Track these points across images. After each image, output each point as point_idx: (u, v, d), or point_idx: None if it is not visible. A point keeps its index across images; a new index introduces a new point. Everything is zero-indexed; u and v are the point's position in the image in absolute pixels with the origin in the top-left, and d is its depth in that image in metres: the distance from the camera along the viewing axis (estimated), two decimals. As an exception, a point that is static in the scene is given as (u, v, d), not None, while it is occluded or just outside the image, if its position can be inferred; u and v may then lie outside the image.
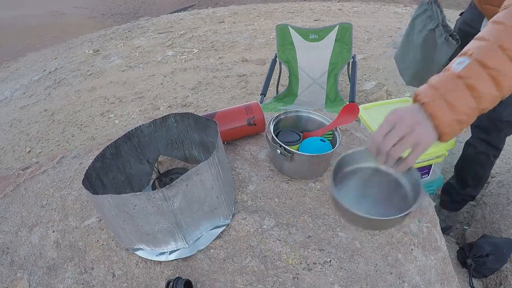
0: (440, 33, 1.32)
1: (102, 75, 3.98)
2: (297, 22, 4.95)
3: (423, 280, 0.84)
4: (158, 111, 3.11)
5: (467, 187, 1.61)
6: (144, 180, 1.01)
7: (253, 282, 0.77)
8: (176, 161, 1.10)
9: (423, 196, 0.69)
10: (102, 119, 3.13)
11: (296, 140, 1.04)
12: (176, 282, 0.72)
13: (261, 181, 1.01)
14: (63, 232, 0.93)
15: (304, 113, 1.12)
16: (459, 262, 1.46)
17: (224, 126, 1.07)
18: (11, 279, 0.85)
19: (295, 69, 2.44)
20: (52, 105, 3.49)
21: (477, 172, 1.53)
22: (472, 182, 1.58)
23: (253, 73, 3.53)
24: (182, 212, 0.75)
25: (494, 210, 1.65)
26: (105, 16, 10.05)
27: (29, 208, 1.02)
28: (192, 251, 0.82)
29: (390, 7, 5.72)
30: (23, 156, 2.82)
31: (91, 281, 0.81)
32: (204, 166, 0.73)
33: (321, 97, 2.39)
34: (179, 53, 4.26)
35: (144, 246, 0.80)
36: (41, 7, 9.90)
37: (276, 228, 0.88)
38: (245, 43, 4.34)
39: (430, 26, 1.36)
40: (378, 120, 1.67)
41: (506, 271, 1.36)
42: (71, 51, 4.99)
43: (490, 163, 1.50)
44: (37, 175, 1.14)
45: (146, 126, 0.96)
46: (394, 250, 0.88)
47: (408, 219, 0.78)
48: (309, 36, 2.37)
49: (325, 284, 0.78)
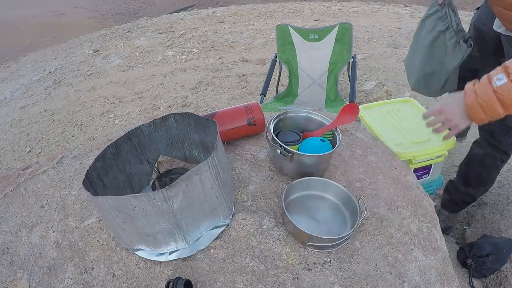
0: (451, 36, 1.29)
1: (102, 75, 3.98)
2: (297, 22, 4.95)
3: (423, 280, 0.84)
4: (158, 111, 3.11)
5: (468, 187, 1.59)
6: (144, 180, 1.01)
7: (253, 282, 0.77)
8: (176, 161, 1.10)
9: (359, 221, 0.84)
10: (102, 119, 3.13)
11: (296, 140, 1.04)
12: (176, 282, 0.72)
13: (261, 181, 1.01)
14: (63, 232, 0.93)
15: (304, 113, 1.12)
16: (459, 262, 1.46)
17: (224, 126, 1.07)
18: (11, 279, 0.85)
19: (295, 69, 2.43)
20: (52, 105, 3.49)
21: (481, 174, 1.51)
22: (474, 182, 1.56)
23: (253, 73, 3.53)
24: (182, 212, 0.74)
25: (494, 210, 1.65)
26: (105, 16, 10.05)
27: (29, 208, 1.02)
28: (192, 251, 0.82)
29: (390, 7, 5.72)
30: (23, 156, 2.82)
31: (91, 281, 0.81)
32: (204, 166, 0.73)
33: (321, 97, 2.39)
34: (179, 53, 4.26)
35: (144, 246, 0.80)
36: (41, 7, 9.90)
37: (276, 228, 0.88)
38: (245, 43, 4.34)
39: (440, 28, 1.31)
40: (378, 120, 1.67)
41: (506, 271, 1.36)
42: (71, 51, 4.99)
43: (496, 167, 1.47)
44: (37, 175, 1.14)
45: (146, 126, 0.96)
46: (394, 250, 0.88)
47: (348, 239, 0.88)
48: (309, 36, 2.37)
49: (325, 284, 0.78)
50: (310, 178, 0.96)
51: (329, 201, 0.95)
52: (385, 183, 1.06)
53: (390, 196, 1.02)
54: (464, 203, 1.71)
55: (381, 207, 0.97)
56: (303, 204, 0.94)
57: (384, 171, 1.10)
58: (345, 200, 0.92)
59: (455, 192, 1.67)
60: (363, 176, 1.06)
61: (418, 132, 1.56)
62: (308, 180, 0.96)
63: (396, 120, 1.66)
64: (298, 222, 0.82)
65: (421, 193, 1.06)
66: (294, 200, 0.94)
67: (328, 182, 0.95)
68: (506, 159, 1.43)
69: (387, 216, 0.95)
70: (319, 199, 0.95)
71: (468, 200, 1.67)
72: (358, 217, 0.85)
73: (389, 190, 1.04)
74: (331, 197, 0.95)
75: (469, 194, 1.63)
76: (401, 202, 1.01)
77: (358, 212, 0.86)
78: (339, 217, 0.91)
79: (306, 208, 0.93)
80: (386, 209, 0.97)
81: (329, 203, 0.94)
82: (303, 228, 0.80)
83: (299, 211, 0.91)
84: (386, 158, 1.17)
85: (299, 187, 0.95)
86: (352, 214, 0.89)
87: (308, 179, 0.96)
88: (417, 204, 1.02)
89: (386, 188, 1.04)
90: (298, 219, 0.85)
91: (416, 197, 1.04)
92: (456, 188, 1.65)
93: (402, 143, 1.51)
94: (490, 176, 1.53)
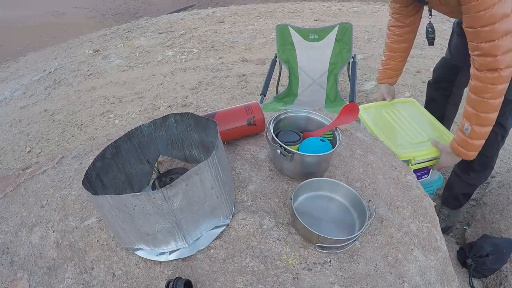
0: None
1: (102, 75, 3.98)
2: (297, 22, 4.95)
3: (423, 280, 0.84)
4: (158, 111, 3.11)
5: (470, 171, 1.59)
6: (144, 180, 1.01)
7: (253, 282, 0.77)
8: (176, 161, 1.10)
9: (367, 223, 0.85)
10: (102, 119, 3.13)
11: (296, 140, 1.04)
12: (176, 282, 0.72)
13: (261, 181, 1.01)
14: (63, 232, 0.93)
15: (304, 113, 1.12)
16: (459, 262, 1.46)
17: (224, 126, 1.07)
18: (11, 279, 0.85)
19: (295, 69, 2.43)
20: (52, 105, 3.49)
21: (483, 152, 1.52)
22: (476, 164, 1.54)
23: (253, 73, 3.53)
24: (182, 212, 0.74)
25: (494, 210, 1.65)
26: (105, 16, 10.05)
27: (29, 208, 1.02)
28: (192, 251, 0.82)
29: (390, 7, 5.70)
30: (23, 156, 2.82)
31: (91, 281, 0.81)
32: (204, 166, 0.73)
33: (321, 97, 2.39)
34: (179, 53, 4.26)
35: (144, 246, 0.80)
36: (41, 7, 9.89)
37: (276, 228, 0.88)
38: (245, 43, 4.33)
39: None
40: (378, 120, 1.67)
41: (506, 271, 1.36)
42: (71, 51, 4.99)
43: (497, 144, 1.48)
44: (37, 175, 1.14)
45: (146, 126, 0.96)
46: (394, 250, 0.88)
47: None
48: (309, 36, 2.37)
49: (325, 284, 0.78)
50: (320, 178, 0.97)
51: (338, 202, 0.95)
52: (385, 183, 1.06)
53: (390, 196, 1.02)
54: (465, 196, 1.70)
55: (381, 207, 0.97)
56: (312, 204, 0.94)
57: (384, 171, 1.10)
58: (354, 202, 0.92)
59: (456, 183, 1.67)
60: (363, 176, 1.06)
61: (417, 133, 1.56)
62: (318, 180, 0.96)
63: (396, 120, 1.65)
64: (307, 222, 0.82)
65: (421, 193, 1.06)
66: (304, 200, 0.94)
67: (337, 183, 0.95)
68: (506, 133, 1.46)
69: (387, 216, 0.95)
70: (328, 200, 0.95)
71: (468, 190, 1.67)
72: (366, 219, 0.85)
73: (389, 190, 1.04)
74: (340, 198, 0.95)
75: (469, 183, 1.63)
76: (401, 202, 1.01)
77: (366, 213, 0.86)
78: (348, 218, 0.91)
79: (315, 209, 0.93)
80: (386, 209, 0.97)
81: (337, 204, 0.95)
82: (311, 228, 0.81)
83: (308, 211, 0.92)
84: (386, 158, 1.17)
85: (309, 187, 0.95)
86: (360, 215, 0.89)
87: (318, 179, 0.96)
88: (417, 204, 1.02)
89: (386, 188, 1.04)
90: (307, 219, 0.85)
91: (416, 197, 1.04)
92: (457, 177, 1.66)
93: (401, 144, 1.51)
94: (491, 153, 1.52)
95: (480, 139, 1.27)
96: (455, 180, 1.68)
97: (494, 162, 1.57)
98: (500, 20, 1.04)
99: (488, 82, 1.14)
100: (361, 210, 0.89)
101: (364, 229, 0.83)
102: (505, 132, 1.45)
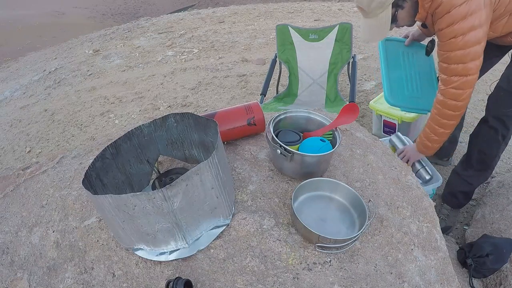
0: None
1: (102, 75, 3.98)
2: (297, 22, 4.95)
3: (423, 280, 0.84)
4: (158, 111, 3.11)
5: (469, 168, 1.59)
6: (144, 180, 1.01)
7: (253, 282, 0.77)
8: (176, 161, 1.10)
9: (368, 222, 0.86)
10: (102, 119, 3.13)
11: (296, 140, 1.04)
12: (176, 282, 0.72)
13: (261, 181, 1.01)
14: (63, 232, 0.93)
15: (304, 113, 1.12)
16: (459, 262, 1.46)
17: (224, 126, 1.07)
18: (11, 279, 0.85)
19: (295, 69, 2.43)
20: (52, 105, 3.49)
21: (482, 149, 1.52)
22: (475, 161, 1.56)
23: (253, 73, 3.52)
24: (182, 212, 0.74)
25: (494, 210, 1.65)
26: (105, 16, 10.05)
27: (29, 208, 1.02)
28: (192, 251, 0.82)
29: (390, 7, 5.70)
30: (23, 156, 2.82)
31: (91, 281, 0.81)
32: (204, 166, 0.73)
33: (321, 97, 2.39)
34: (179, 53, 4.25)
35: (144, 246, 0.80)
36: (41, 7, 9.89)
37: (276, 228, 0.88)
38: (245, 43, 4.33)
39: None
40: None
41: (506, 271, 1.36)
42: (71, 51, 4.99)
43: (497, 143, 1.48)
44: (37, 175, 1.14)
45: (146, 126, 0.96)
46: (394, 250, 0.88)
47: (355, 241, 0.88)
48: (309, 36, 2.37)
49: (325, 284, 0.78)
50: (320, 178, 0.97)
51: (338, 202, 0.95)
52: (385, 183, 1.06)
53: (390, 196, 1.02)
54: (464, 195, 1.70)
55: (381, 207, 0.97)
56: (312, 204, 0.94)
57: (384, 171, 1.10)
58: (354, 202, 0.92)
59: (455, 179, 1.68)
60: (363, 176, 1.06)
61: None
62: (318, 180, 0.96)
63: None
64: (307, 222, 0.82)
65: (421, 193, 1.06)
66: (304, 200, 0.94)
67: (337, 183, 0.95)
68: (507, 134, 1.46)
69: (387, 216, 0.95)
70: (328, 200, 0.95)
71: (466, 189, 1.67)
72: (366, 219, 0.85)
73: (389, 190, 1.04)
74: (340, 198, 0.95)
75: (467, 181, 1.63)
76: (401, 202, 1.01)
77: (366, 213, 0.86)
78: (348, 218, 0.91)
79: (315, 209, 0.93)
80: (386, 209, 0.97)
81: (337, 204, 0.95)
82: (311, 228, 0.81)
83: (308, 211, 0.91)
84: (386, 158, 1.17)
85: (309, 187, 0.95)
86: (360, 215, 0.89)
87: (318, 179, 0.96)
88: (417, 204, 1.02)
89: (386, 188, 1.04)
90: (307, 219, 0.85)
91: (416, 197, 1.04)
92: (456, 174, 1.66)
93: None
94: (490, 152, 1.52)
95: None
96: (454, 177, 1.69)
97: (494, 163, 1.57)
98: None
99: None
100: (361, 210, 0.88)
101: (364, 229, 0.83)
102: (506, 132, 1.45)
